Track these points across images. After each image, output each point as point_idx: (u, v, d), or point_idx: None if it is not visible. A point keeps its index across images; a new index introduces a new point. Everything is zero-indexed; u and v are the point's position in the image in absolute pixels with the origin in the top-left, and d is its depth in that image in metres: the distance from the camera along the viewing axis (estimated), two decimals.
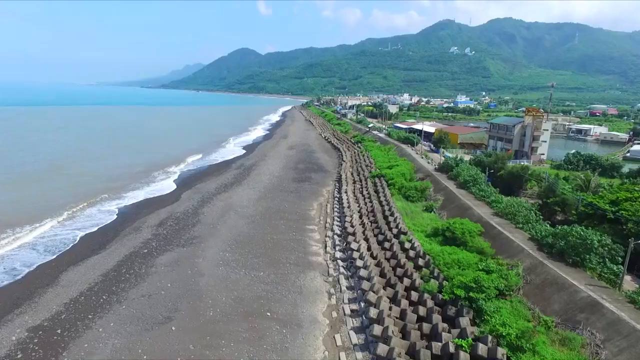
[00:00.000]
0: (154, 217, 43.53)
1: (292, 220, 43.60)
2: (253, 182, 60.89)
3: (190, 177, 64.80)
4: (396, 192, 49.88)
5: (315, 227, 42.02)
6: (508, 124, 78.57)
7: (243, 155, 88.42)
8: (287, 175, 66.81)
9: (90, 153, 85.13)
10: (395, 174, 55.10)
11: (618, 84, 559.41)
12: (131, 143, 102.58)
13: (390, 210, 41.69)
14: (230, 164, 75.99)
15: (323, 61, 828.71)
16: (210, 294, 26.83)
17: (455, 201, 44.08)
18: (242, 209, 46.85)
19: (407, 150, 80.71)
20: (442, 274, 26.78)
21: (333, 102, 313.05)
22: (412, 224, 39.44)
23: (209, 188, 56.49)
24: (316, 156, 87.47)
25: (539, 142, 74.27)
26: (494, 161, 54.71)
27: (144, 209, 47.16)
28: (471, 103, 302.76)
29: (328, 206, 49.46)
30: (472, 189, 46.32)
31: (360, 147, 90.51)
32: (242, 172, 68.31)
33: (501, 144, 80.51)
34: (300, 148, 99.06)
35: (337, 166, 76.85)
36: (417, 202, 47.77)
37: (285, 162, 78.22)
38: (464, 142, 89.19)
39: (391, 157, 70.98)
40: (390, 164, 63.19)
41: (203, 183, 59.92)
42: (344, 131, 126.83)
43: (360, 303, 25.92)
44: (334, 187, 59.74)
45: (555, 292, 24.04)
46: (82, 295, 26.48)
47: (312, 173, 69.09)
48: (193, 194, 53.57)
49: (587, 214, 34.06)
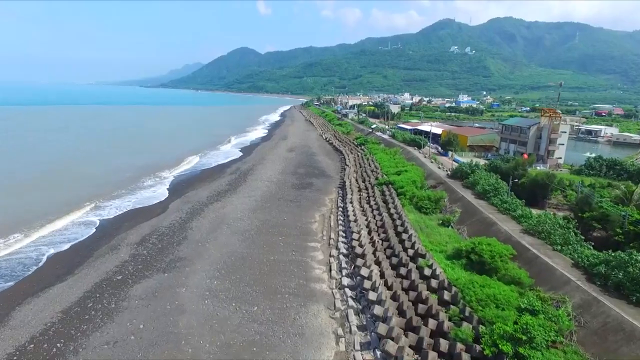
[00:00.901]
0: (136, 232, 38.52)
1: (292, 235, 38.63)
2: (249, 189, 55.89)
3: (182, 184, 59.81)
4: (407, 203, 44.94)
5: (318, 244, 37.05)
6: (522, 125, 73.59)
7: (240, 158, 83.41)
8: (287, 180, 61.83)
9: (81, 155, 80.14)
10: (404, 181, 50.13)
11: (619, 84, 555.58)
12: (122, 145, 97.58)
13: (404, 226, 36.73)
14: (226, 168, 70.97)
15: (323, 60, 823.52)
16: (191, 339, 21.82)
17: (476, 214, 39.12)
18: (236, 222, 41.85)
19: (414, 153, 75.77)
20: (476, 315, 21.82)
21: (333, 102, 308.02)
22: (429, 241, 34.55)
23: (201, 197, 51.48)
24: (317, 159, 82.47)
25: (555, 145, 69.34)
26: (513, 167, 49.70)
27: (127, 221, 42.19)
28: (474, 103, 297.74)
29: (332, 218, 44.47)
30: (492, 200, 41.38)
31: (363, 150, 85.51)
32: (237, 177, 63.29)
33: (514, 146, 75.57)
34: (300, 150, 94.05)
35: (340, 170, 71.85)
36: (431, 214, 42.84)
37: (285, 166, 73.22)
38: (474, 145, 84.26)
39: (398, 161, 66.01)
40: (398, 169, 58.23)
41: (195, 191, 54.90)
42: (345, 132, 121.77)
43: (376, 352, 20.93)
44: (337, 194, 54.77)
45: (624, 343, 19.05)
46: (32, 341, 21.48)
47: (314, 178, 64.09)
48: (182, 203, 48.55)
49: (637, 233, 29.12)
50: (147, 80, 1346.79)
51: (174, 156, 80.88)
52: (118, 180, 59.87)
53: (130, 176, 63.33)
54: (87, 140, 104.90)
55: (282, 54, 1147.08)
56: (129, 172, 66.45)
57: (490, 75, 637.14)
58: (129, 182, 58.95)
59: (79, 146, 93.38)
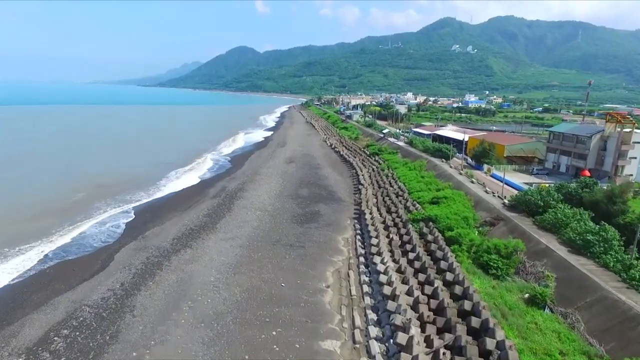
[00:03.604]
0: (42, 319, 23.74)
1: (294, 324, 23.89)
2: (234, 224, 41.06)
3: (147, 213, 45.00)
4: (464, 256, 30.32)
5: (336, 341, 22.39)
6: (581, 133, 58.87)
7: (228, 171, 68.58)
8: (285, 208, 47.05)
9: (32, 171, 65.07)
10: (452, 218, 35.43)
11: (624, 83, 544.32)
12: (94, 153, 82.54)
13: (477, 314, 22.02)
14: (208, 189, 56.08)
15: (322, 59, 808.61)
16: None
17: (589, 289, 24.33)
18: (206, 294, 27.03)
19: (444, 167, 61.16)
20: None
21: (335, 102, 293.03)
22: (526, 346, 20.06)
23: (165, 238, 36.69)
24: (323, 174, 67.61)
25: (626, 159, 54.79)
26: (606, 198, 35.02)
27: (38, 289, 27.46)
28: (482, 102, 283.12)
29: (351, 280, 29.72)
30: (605, 260, 26.72)
31: (379, 163, 70.64)
32: (221, 203, 48.44)
33: (568, 159, 60.93)
34: (302, 161, 79.15)
35: (352, 190, 57.16)
36: (504, 277, 28.20)
37: (282, 185, 58.38)
38: (512, 155, 69.62)
39: (429, 181, 51.16)
40: (435, 195, 43.42)
41: (160, 226, 40.09)
42: (352, 137, 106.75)
43: None
44: (354, 231, 40.09)
45: None
46: None
47: (320, 204, 49.33)
48: (136, 251, 33.77)
49: None
50: (145, 80, 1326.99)
51: (146, 172, 65.73)
52: (63, 208, 45.09)
53: (80, 199, 48.57)
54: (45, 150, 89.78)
55: (281, 53, 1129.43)
56: (81, 191, 51.76)
57: (493, 75, 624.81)
58: (75, 212, 44.15)
59: (31, 159, 78.38)
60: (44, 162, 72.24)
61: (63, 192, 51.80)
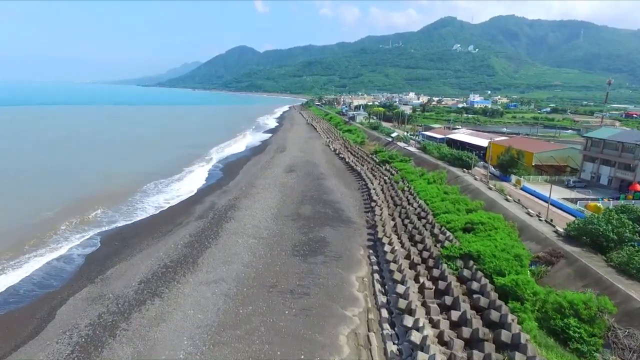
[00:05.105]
0: None
1: None
2: (219, 259, 32.78)
3: (114, 241, 36.83)
4: (529, 318, 22.09)
5: None
6: (627, 141, 50.65)
7: (219, 182, 60.42)
8: (284, 234, 38.80)
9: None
10: (499, 255, 27.20)
11: (627, 83, 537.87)
12: (78, 161, 74.18)
13: None
14: (194, 206, 47.87)
15: (322, 59, 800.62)
16: None
17: None
18: None
19: (466, 178, 53.12)
20: None
21: (336, 102, 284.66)
22: None
23: (128, 283, 28.45)
24: (327, 185, 59.35)
25: None
26: None
27: None
28: (487, 103, 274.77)
29: (375, 355, 21.50)
30: None
31: (392, 173, 62.30)
32: (205, 227, 40.12)
33: (610, 170, 52.71)
34: (303, 170, 70.84)
35: (363, 207, 48.94)
36: (591, 355, 20.02)
37: (281, 202, 50.09)
38: (542, 164, 61.43)
39: (455, 199, 42.66)
40: (468, 220, 35.11)
41: (125, 263, 31.86)
42: (358, 141, 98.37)
43: None
44: (370, 269, 31.92)
45: None
46: None
47: (327, 227, 41.05)
48: (85, 306, 25.55)
49: None
50: (145, 79, 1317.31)
51: (123, 185, 56.91)
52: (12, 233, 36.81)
53: (43, 221, 40.41)
54: (22, 160, 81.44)
55: (281, 53, 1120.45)
56: (52, 209, 43.71)
57: (495, 74, 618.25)
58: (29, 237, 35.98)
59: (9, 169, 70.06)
60: (18, 170, 63.96)
61: (27, 211, 43.56)
